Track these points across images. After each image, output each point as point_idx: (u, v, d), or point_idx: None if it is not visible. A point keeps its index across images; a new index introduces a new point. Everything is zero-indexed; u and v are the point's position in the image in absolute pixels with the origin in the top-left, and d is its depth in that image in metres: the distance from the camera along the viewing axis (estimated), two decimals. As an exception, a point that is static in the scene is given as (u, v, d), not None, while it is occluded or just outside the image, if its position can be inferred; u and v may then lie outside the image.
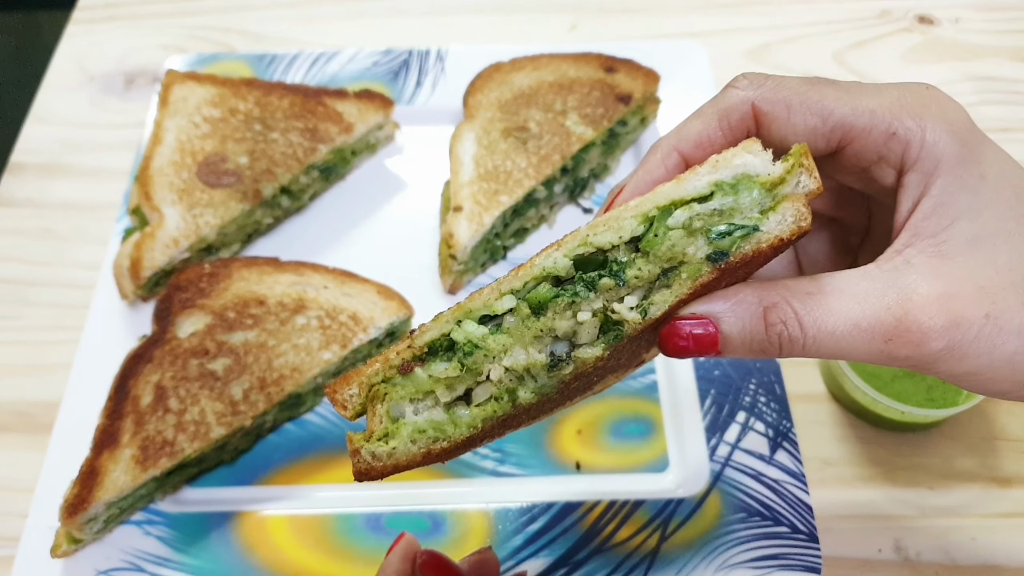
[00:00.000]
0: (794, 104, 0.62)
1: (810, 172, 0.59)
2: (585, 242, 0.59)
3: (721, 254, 0.58)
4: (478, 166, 1.20)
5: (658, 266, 0.58)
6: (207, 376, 1.02)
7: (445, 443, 0.62)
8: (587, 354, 0.59)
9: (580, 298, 0.59)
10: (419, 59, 1.40)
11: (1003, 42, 1.49)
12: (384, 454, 0.62)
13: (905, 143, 0.61)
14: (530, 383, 0.60)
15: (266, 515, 1.00)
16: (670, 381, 1.10)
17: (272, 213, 1.23)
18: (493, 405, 0.61)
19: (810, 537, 0.97)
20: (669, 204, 0.58)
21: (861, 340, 0.58)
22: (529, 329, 0.59)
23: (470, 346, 0.60)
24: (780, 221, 0.58)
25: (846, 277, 0.59)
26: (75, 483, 0.95)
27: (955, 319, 0.57)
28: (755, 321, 0.59)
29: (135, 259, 1.11)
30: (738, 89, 0.64)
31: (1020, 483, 1.03)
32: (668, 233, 0.58)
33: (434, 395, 0.62)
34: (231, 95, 1.27)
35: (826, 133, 0.62)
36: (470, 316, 0.60)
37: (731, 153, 0.59)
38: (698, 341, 0.59)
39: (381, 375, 0.62)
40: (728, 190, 0.58)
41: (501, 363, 0.60)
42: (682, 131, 0.66)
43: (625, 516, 0.99)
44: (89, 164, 1.34)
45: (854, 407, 1.07)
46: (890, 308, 0.57)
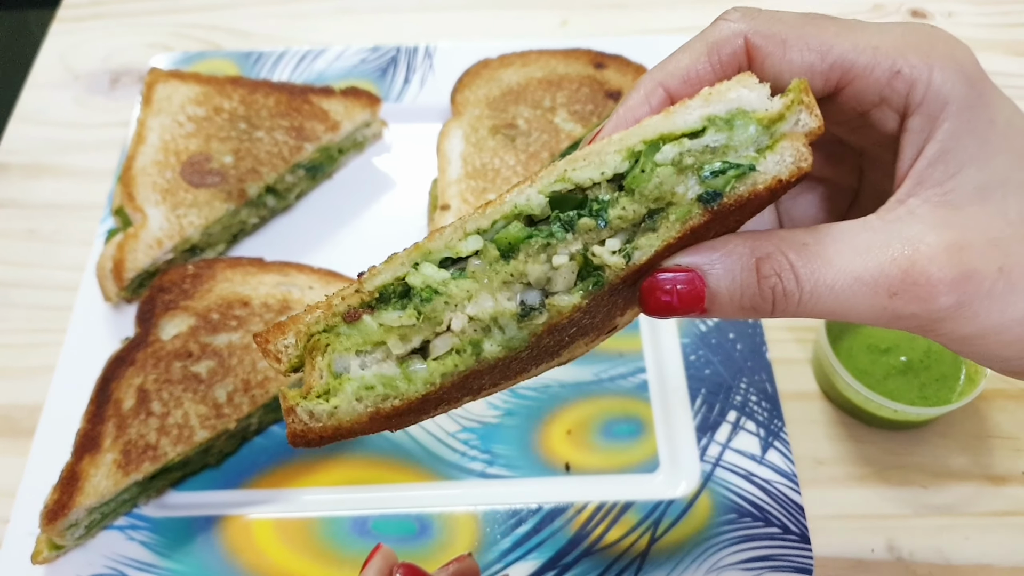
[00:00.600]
0: (790, 39, 0.57)
1: (810, 109, 0.54)
2: (563, 177, 0.53)
3: (714, 194, 0.53)
4: (466, 164, 1.19)
5: (644, 206, 0.53)
6: (190, 379, 1.01)
7: (396, 401, 0.54)
8: (563, 302, 0.53)
9: (556, 239, 0.53)
10: (407, 56, 1.39)
11: (997, 36, 1.48)
12: (324, 413, 0.54)
13: (910, 82, 0.56)
14: (497, 334, 0.54)
15: (251, 519, 0.99)
16: (660, 380, 1.09)
17: (258, 213, 1.21)
18: (454, 359, 0.54)
19: (802, 538, 0.96)
20: (657, 138, 0.53)
21: (863, 295, 0.53)
22: (497, 273, 0.53)
23: (428, 292, 0.53)
24: (779, 161, 0.53)
25: (846, 228, 0.55)
26: (55, 488, 0.93)
27: (967, 271, 0.53)
28: (746, 273, 0.54)
29: (118, 260, 1.10)
30: (729, 22, 0.59)
31: (1013, 481, 1.02)
32: (656, 169, 0.53)
33: (385, 347, 0.55)
34: (216, 93, 1.26)
35: (824, 71, 0.57)
36: (429, 258, 0.54)
37: (725, 86, 0.54)
38: (683, 296, 0.54)
39: (323, 323, 0.55)
40: (722, 125, 0.53)
41: (464, 311, 0.53)
42: (668, 65, 0.60)
43: (615, 518, 0.98)
44: (74, 164, 1.33)
45: (846, 405, 1.06)
46: (895, 259, 0.53)
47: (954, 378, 1.03)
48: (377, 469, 1.03)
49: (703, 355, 1.09)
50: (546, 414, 1.06)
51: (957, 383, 1.02)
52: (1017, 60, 1.44)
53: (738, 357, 1.08)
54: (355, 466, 1.03)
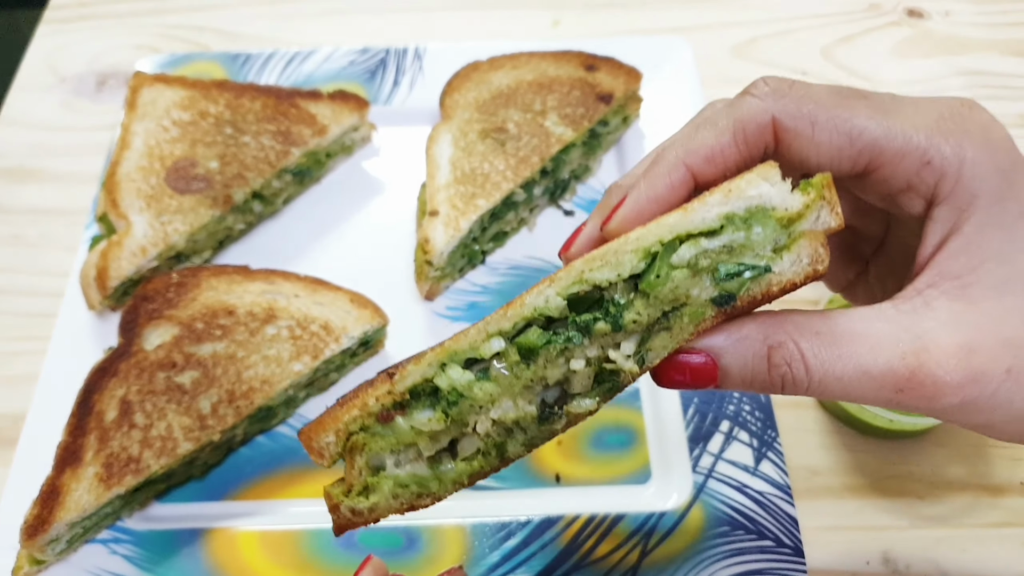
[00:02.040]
0: (820, 120, 0.57)
1: (832, 207, 0.54)
2: (581, 279, 0.55)
3: (728, 297, 0.54)
4: (455, 169, 1.17)
5: (658, 309, 0.54)
6: (174, 389, 0.99)
7: (429, 500, 0.59)
8: (580, 408, 0.56)
9: (573, 344, 0.55)
10: (396, 58, 1.37)
11: (994, 35, 1.46)
12: (365, 510, 0.59)
13: (940, 174, 0.56)
14: (519, 435, 0.57)
15: (237, 531, 0.98)
16: (652, 389, 1.07)
17: (244, 219, 1.19)
18: (480, 460, 0.58)
19: (795, 551, 0.94)
20: (674, 239, 0.54)
21: (870, 388, 0.54)
22: (519, 379, 0.55)
23: (455, 395, 0.56)
24: (795, 262, 0.54)
25: (859, 317, 0.55)
26: (36, 503, 0.92)
27: (974, 375, 0.53)
28: (758, 360, 0.55)
29: (101, 268, 1.08)
30: (757, 98, 0.58)
31: (1012, 492, 1.01)
32: (671, 273, 0.53)
33: (416, 447, 0.58)
34: (201, 97, 1.24)
35: (853, 155, 0.57)
36: (455, 359, 0.56)
37: (745, 181, 0.54)
38: (696, 374, 0.55)
39: (359, 423, 0.58)
40: (740, 224, 0.54)
41: (488, 415, 0.56)
42: (691, 142, 0.60)
43: (605, 530, 0.96)
44: (59, 168, 1.31)
45: (841, 414, 1.04)
46: (904, 357, 0.53)
47: (951, 386, 1.01)
48: (364, 481, 1.01)
49: (696, 363, 1.07)
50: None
51: (954, 392, 1.01)
52: (1016, 60, 1.42)
53: (731, 365, 1.06)
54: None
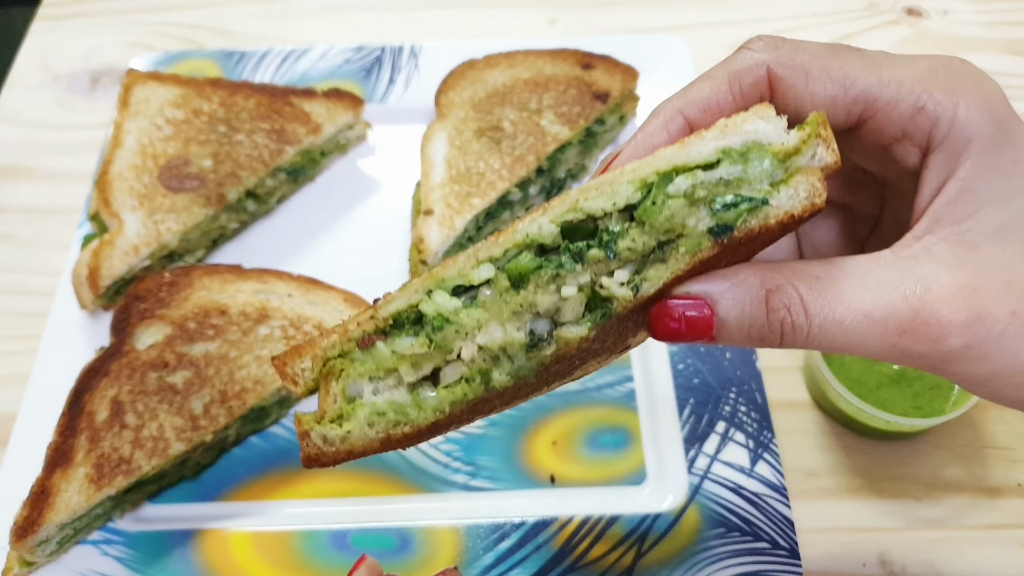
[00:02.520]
0: (814, 71, 0.57)
1: (827, 143, 0.54)
2: (575, 207, 0.53)
3: (725, 228, 0.53)
4: (450, 167, 1.16)
5: (654, 238, 0.53)
6: (166, 390, 0.99)
7: (407, 428, 0.56)
8: (571, 334, 0.54)
9: (565, 270, 0.53)
10: (392, 56, 1.36)
11: (993, 34, 1.45)
12: (337, 438, 0.56)
13: (934, 119, 0.55)
14: (506, 364, 0.55)
15: (229, 532, 0.97)
16: (648, 389, 1.06)
17: (237, 218, 1.19)
18: (463, 387, 0.56)
19: (791, 553, 0.94)
20: (670, 170, 0.53)
21: (872, 332, 0.53)
22: (507, 304, 0.54)
23: (440, 320, 0.54)
24: (792, 196, 0.53)
25: (859, 263, 0.54)
26: (25, 504, 0.91)
27: (979, 314, 0.52)
28: (756, 304, 0.54)
29: (93, 267, 1.07)
30: (753, 51, 0.59)
31: (1009, 493, 1.00)
32: (667, 202, 0.52)
33: (397, 373, 0.56)
34: (195, 95, 1.23)
35: (847, 104, 0.57)
36: (442, 286, 0.55)
37: (742, 118, 0.54)
38: (691, 324, 0.54)
39: (338, 348, 0.56)
40: (736, 158, 0.53)
41: (474, 340, 0.54)
42: (688, 94, 0.60)
43: (600, 532, 0.96)
44: (53, 166, 1.30)
45: (838, 416, 1.04)
46: (907, 298, 0.52)
47: (948, 387, 1.00)
48: (357, 481, 1.00)
49: (691, 364, 1.06)
50: (531, 424, 1.04)
51: (951, 392, 1.00)
52: (1014, 59, 1.42)
53: (727, 366, 1.06)
54: (335, 478, 1.01)
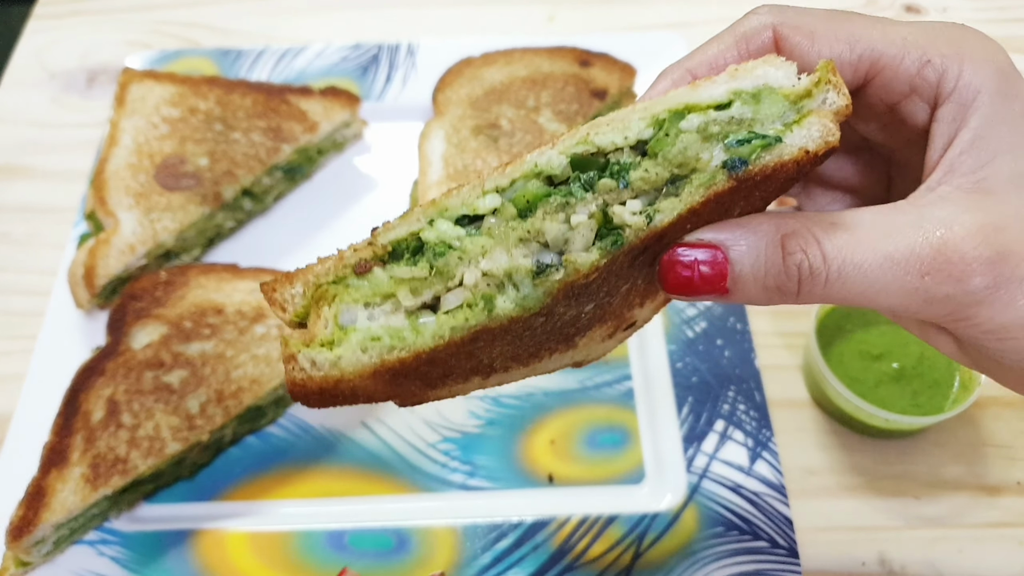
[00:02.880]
0: (819, 31, 0.57)
1: (838, 88, 0.53)
2: (585, 140, 0.52)
3: (739, 162, 0.51)
4: (447, 165, 1.16)
5: (667, 170, 0.52)
6: (162, 389, 0.98)
7: (403, 353, 0.52)
8: (581, 259, 0.51)
9: (575, 198, 0.51)
10: (389, 53, 1.36)
11: (991, 31, 1.42)
12: (326, 362, 0.52)
13: (941, 71, 0.55)
14: (511, 291, 0.52)
15: (225, 533, 0.97)
16: (647, 388, 1.06)
17: (234, 216, 1.18)
18: (465, 312, 0.52)
19: (790, 552, 0.93)
20: (682, 108, 0.52)
21: (893, 275, 0.52)
22: (514, 230, 0.51)
23: (442, 247, 0.52)
24: (806, 134, 0.52)
25: (876, 210, 0.54)
26: (21, 504, 0.91)
27: (1003, 251, 0.51)
28: (771, 249, 0.53)
29: (89, 266, 1.07)
30: (758, 14, 0.59)
31: (1009, 491, 1.00)
32: (681, 135, 0.51)
33: (395, 299, 0.53)
34: (191, 94, 1.23)
35: (853, 61, 0.57)
36: (445, 215, 0.52)
37: (752, 64, 0.54)
38: (704, 272, 0.53)
39: (332, 274, 0.53)
40: (748, 99, 0.53)
41: (478, 266, 0.52)
42: (696, 55, 0.60)
43: (598, 532, 0.95)
44: (49, 165, 1.30)
45: (837, 414, 1.03)
46: (927, 238, 0.52)
47: (948, 385, 1.00)
48: (354, 480, 1.00)
49: (690, 362, 1.06)
50: (529, 423, 1.03)
51: (951, 390, 1.00)
52: (1015, 56, 1.41)
53: (726, 364, 1.05)
54: (332, 477, 1.00)
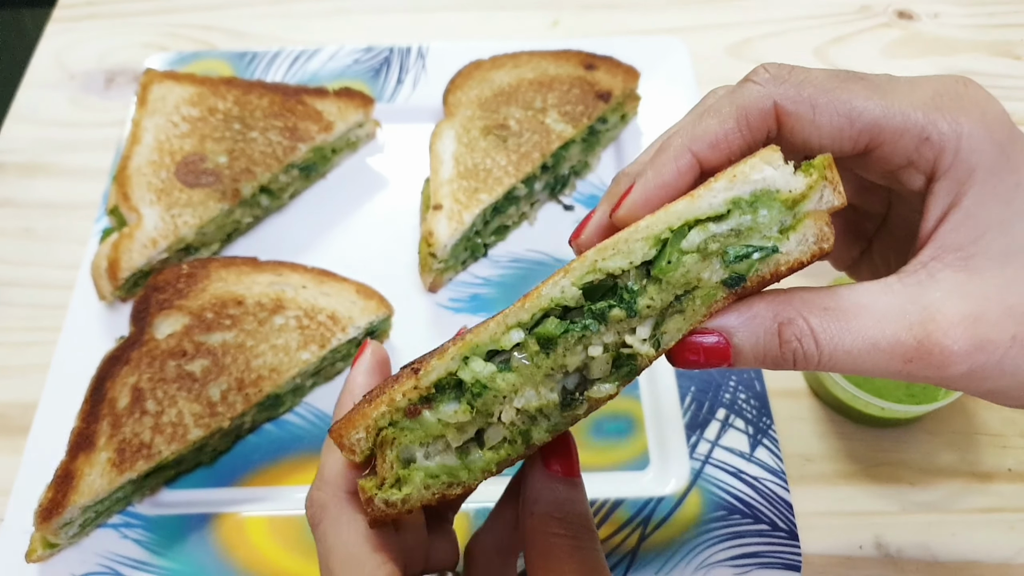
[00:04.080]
0: (820, 104, 0.58)
1: (834, 186, 0.56)
2: (594, 268, 0.56)
3: (738, 278, 0.55)
4: (458, 164, 1.20)
5: (671, 293, 0.55)
6: (185, 377, 1.02)
7: (459, 488, 0.60)
8: (600, 393, 0.57)
9: (590, 332, 0.56)
10: (400, 56, 1.40)
11: (982, 36, 1.49)
12: (398, 501, 0.59)
13: (939, 149, 0.57)
14: (543, 422, 0.58)
15: (245, 516, 1.00)
16: (651, 378, 1.09)
17: (251, 212, 1.22)
18: (507, 448, 0.59)
19: (790, 534, 0.97)
20: (683, 225, 0.55)
21: (879, 360, 0.55)
22: (539, 368, 0.57)
23: (479, 387, 0.57)
24: (801, 241, 0.55)
25: (866, 291, 0.57)
26: (50, 487, 0.94)
27: (980, 342, 0.54)
28: (769, 337, 0.56)
29: (113, 260, 1.10)
30: (759, 84, 0.60)
31: (1000, 478, 1.03)
32: (682, 258, 0.55)
33: (444, 439, 0.59)
34: (210, 94, 1.26)
35: (853, 135, 0.59)
36: (477, 352, 0.57)
37: (749, 166, 0.56)
38: (709, 354, 0.57)
39: (388, 418, 0.60)
40: (746, 208, 0.55)
41: (512, 404, 0.57)
42: (696, 129, 0.61)
43: (605, 515, 0.99)
44: (69, 163, 1.34)
45: (834, 403, 1.07)
46: (911, 328, 0.54)
47: (941, 376, 1.03)
48: (370, 467, 1.03)
49: (693, 354, 1.10)
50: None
51: (944, 381, 1.03)
52: (1003, 61, 1.46)
53: (728, 356, 1.09)
54: (348, 464, 1.03)
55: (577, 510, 0.66)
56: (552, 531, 0.64)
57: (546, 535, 0.64)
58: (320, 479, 0.66)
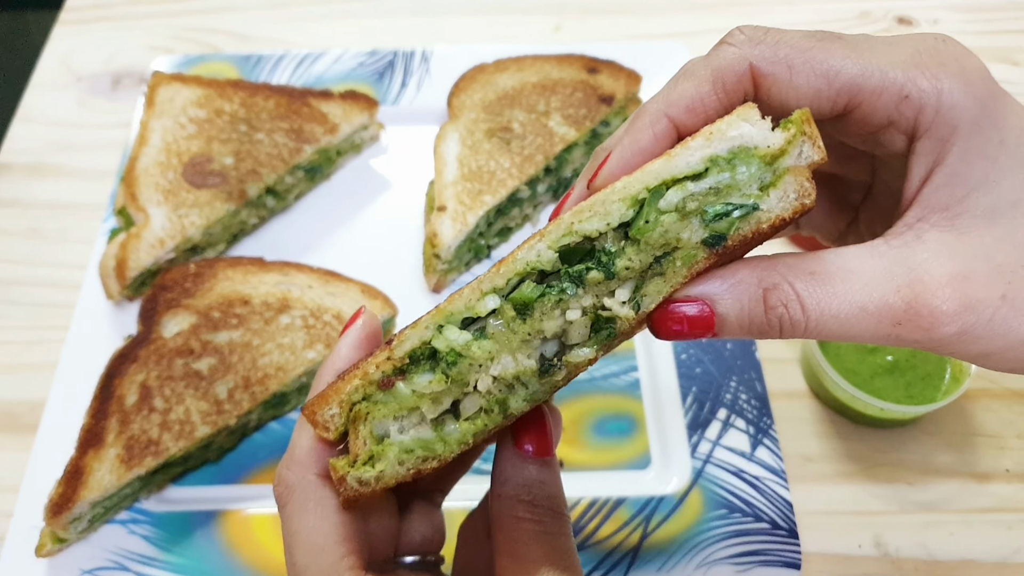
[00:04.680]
0: (797, 64, 0.56)
1: (813, 141, 0.54)
2: (570, 231, 0.54)
3: (718, 237, 0.53)
4: (462, 166, 1.21)
5: (650, 254, 0.54)
6: (192, 375, 1.03)
7: (435, 462, 0.58)
8: (579, 357, 0.55)
9: (567, 295, 0.54)
10: (404, 60, 1.41)
11: (981, 43, 1.51)
12: (372, 479, 0.58)
13: (919, 107, 0.55)
14: (521, 391, 0.57)
15: (251, 513, 1.01)
16: (652, 378, 1.11)
17: (257, 213, 1.23)
18: (483, 418, 0.57)
19: (790, 533, 0.98)
20: (660, 184, 0.53)
21: (867, 323, 0.53)
22: (516, 333, 0.55)
23: (453, 355, 0.56)
24: (782, 198, 0.54)
25: (852, 254, 0.55)
26: (60, 483, 0.95)
27: (969, 302, 0.53)
28: (754, 303, 0.54)
29: (121, 259, 1.12)
30: (734, 46, 0.58)
31: (997, 478, 1.04)
32: (660, 218, 0.53)
33: (419, 411, 0.58)
34: (217, 96, 1.28)
35: (832, 96, 0.57)
36: (451, 320, 0.56)
37: (726, 123, 0.54)
38: (693, 323, 0.55)
39: (361, 392, 0.58)
40: (724, 165, 0.53)
41: (488, 372, 0.56)
42: (671, 94, 0.59)
43: (608, 513, 1.00)
44: (76, 164, 1.35)
45: (834, 404, 1.08)
46: (899, 290, 0.53)
47: (939, 377, 1.05)
48: (374, 465, 1.04)
49: (694, 354, 1.11)
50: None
51: (942, 382, 1.04)
52: (1002, 66, 1.47)
53: (728, 356, 1.10)
54: (353, 462, 1.04)
55: (547, 492, 0.63)
56: (518, 515, 0.62)
57: (512, 519, 0.62)
58: (289, 457, 0.64)
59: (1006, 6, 1.57)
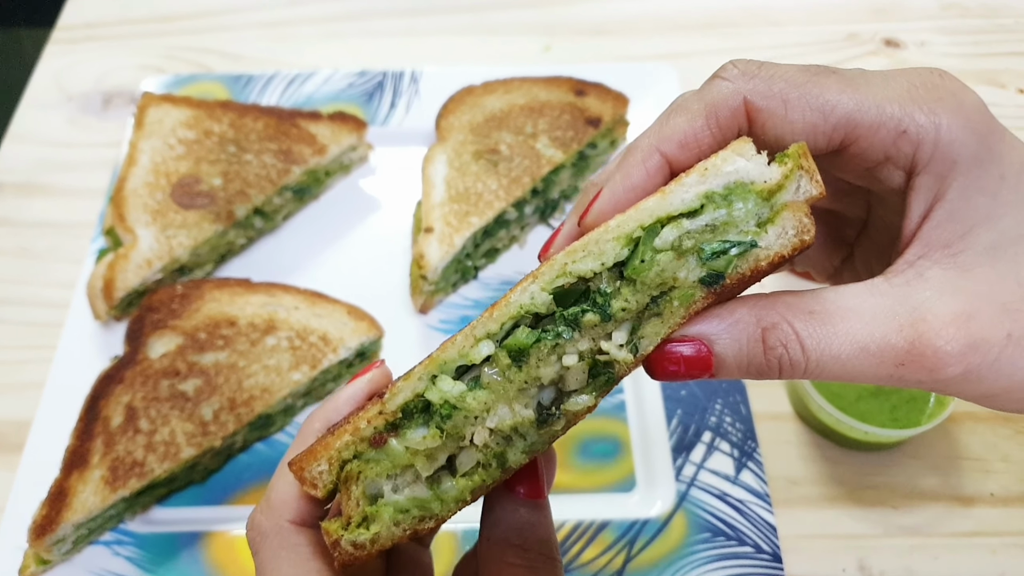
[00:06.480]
0: (791, 99, 0.55)
1: (810, 175, 0.53)
2: (564, 271, 0.52)
3: (716, 276, 0.52)
4: (449, 188, 1.21)
5: (646, 294, 0.52)
6: (178, 397, 1.03)
7: (432, 522, 0.55)
8: (578, 405, 0.53)
9: (563, 340, 0.52)
10: (393, 80, 1.42)
11: (968, 65, 1.52)
12: (367, 542, 0.55)
13: (916, 143, 0.54)
14: (519, 443, 0.54)
15: (236, 534, 1.01)
16: (638, 401, 1.11)
17: (245, 234, 1.24)
18: (481, 474, 0.55)
19: (774, 557, 0.98)
20: (655, 222, 0.52)
21: (869, 364, 0.52)
22: (512, 382, 0.53)
23: (448, 407, 0.53)
24: (780, 235, 0.52)
25: (852, 293, 0.53)
26: (44, 504, 0.95)
27: (973, 342, 0.51)
28: (752, 344, 0.53)
29: (108, 280, 1.12)
30: (727, 80, 0.56)
31: (982, 502, 1.04)
32: (656, 257, 0.51)
33: (413, 469, 0.55)
34: (206, 117, 1.28)
35: (827, 131, 0.55)
36: (445, 369, 0.54)
37: (721, 158, 0.53)
38: (690, 364, 0.53)
39: (352, 449, 0.56)
40: (720, 202, 0.52)
41: (485, 424, 0.53)
42: (664, 129, 0.58)
43: (592, 536, 1.00)
44: (66, 183, 1.35)
45: (819, 427, 1.08)
46: (902, 329, 0.51)
47: (924, 400, 1.05)
48: (360, 487, 1.04)
49: (680, 377, 1.11)
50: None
51: (927, 405, 1.05)
52: (989, 89, 1.48)
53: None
54: (338, 484, 1.04)
55: (539, 535, 0.61)
56: (508, 559, 0.59)
57: (501, 564, 0.59)
58: (266, 503, 0.62)
59: (993, 28, 1.58)
